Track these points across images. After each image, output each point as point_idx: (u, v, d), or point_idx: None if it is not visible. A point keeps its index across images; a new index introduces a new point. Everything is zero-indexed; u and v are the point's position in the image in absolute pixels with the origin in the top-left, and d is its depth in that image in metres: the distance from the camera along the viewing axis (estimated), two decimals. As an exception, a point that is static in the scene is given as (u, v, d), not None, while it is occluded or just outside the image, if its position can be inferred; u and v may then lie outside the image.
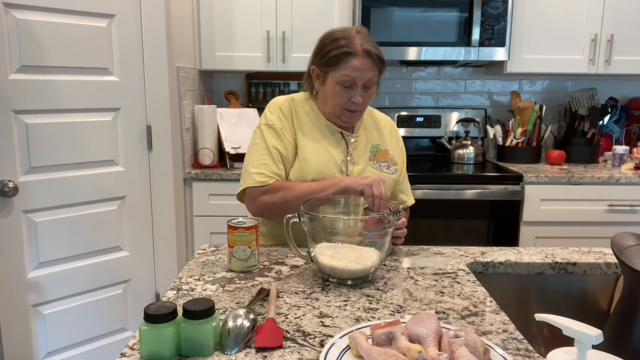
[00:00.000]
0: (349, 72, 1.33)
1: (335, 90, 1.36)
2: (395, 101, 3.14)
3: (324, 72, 1.37)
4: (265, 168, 1.36)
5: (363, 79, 1.34)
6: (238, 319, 0.86)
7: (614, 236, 1.06)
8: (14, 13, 1.77)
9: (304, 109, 1.45)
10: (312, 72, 1.42)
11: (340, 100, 1.37)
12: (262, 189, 1.35)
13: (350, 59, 1.32)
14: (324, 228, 1.12)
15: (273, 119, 1.41)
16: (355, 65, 1.32)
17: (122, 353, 0.83)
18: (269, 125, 1.41)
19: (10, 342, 1.87)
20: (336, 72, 1.34)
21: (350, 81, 1.34)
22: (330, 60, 1.34)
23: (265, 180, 1.35)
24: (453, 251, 1.36)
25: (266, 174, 1.35)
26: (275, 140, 1.39)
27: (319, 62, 1.38)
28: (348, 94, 1.35)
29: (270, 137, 1.39)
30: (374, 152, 1.47)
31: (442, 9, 2.62)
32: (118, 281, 2.17)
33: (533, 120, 2.87)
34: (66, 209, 1.98)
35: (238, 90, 3.07)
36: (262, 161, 1.37)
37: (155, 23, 2.15)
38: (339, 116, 1.40)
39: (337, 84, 1.35)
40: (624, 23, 2.71)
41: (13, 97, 1.79)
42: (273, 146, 1.38)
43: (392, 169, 1.48)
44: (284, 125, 1.41)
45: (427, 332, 0.79)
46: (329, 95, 1.38)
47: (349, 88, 1.35)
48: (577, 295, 1.30)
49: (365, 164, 1.44)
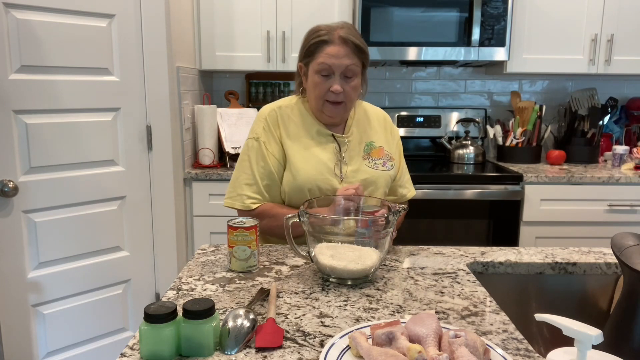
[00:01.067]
0: (324, 59, 1.33)
1: (314, 80, 1.36)
2: (395, 101, 3.14)
3: (305, 64, 1.38)
4: (249, 189, 1.41)
5: (340, 67, 1.33)
6: (238, 319, 0.86)
7: (614, 236, 1.06)
8: (14, 13, 1.77)
9: (293, 114, 1.45)
10: (299, 69, 1.43)
11: (320, 91, 1.36)
12: (247, 213, 1.40)
13: (325, 47, 1.33)
14: (323, 228, 1.12)
15: (258, 132, 1.43)
16: (330, 52, 1.33)
17: (122, 353, 0.83)
18: (254, 139, 1.43)
19: (10, 342, 1.87)
20: (314, 61, 1.35)
21: (327, 69, 1.33)
22: (308, 50, 1.36)
23: (248, 205, 1.41)
24: (453, 251, 1.36)
25: (250, 195, 1.40)
26: (259, 156, 1.41)
27: (301, 57, 1.40)
28: (327, 84, 1.35)
29: (253, 153, 1.42)
30: (368, 150, 1.46)
31: (442, 9, 2.62)
32: (118, 281, 2.17)
33: (533, 120, 2.87)
34: (66, 209, 1.98)
35: (238, 90, 3.07)
36: (246, 181, 1.42)
37: (155, 23, 2.15)
38: (322, 110, 1.40)
39: (316, 74, 1.35)
40: (624, 23, 2.71)
41: (13, 97, 1.79)
42: (257, 163, 1.41)
43: (388, 165, 1.47)
44: (268, 137, 1.42)
45: (427, 332, 0.79)
46: (310, 87, 1.38)
47: (327, 77, 1.35)
48: (577, 295, 1.30)
49: (359, 164, 1.43)
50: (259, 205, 1.41)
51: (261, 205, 1.41)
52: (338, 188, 1.38)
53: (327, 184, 1.38)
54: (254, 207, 1.41)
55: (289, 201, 1.42)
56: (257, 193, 1.41)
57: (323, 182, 1.37)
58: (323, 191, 1.37)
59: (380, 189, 1.45)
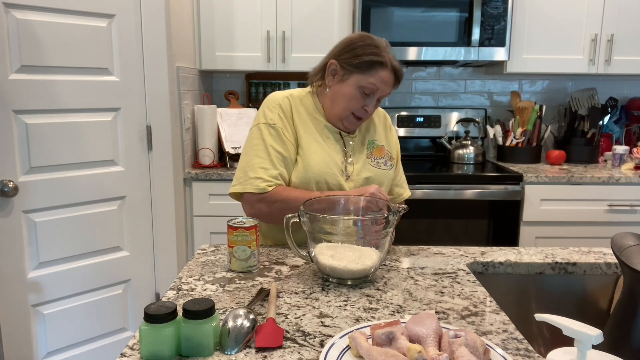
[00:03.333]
0: (376, 82, 1.33)
1: (353, 93, 1.35)
2: (395, 101, 3.14)
3: (347, 71, 1.34)
4: (265, 172, 1.32)
5: (383, 92, 1.36)
6: (238, 319, 0.86)
7: (614, 236, 1.06)
8: (14, 13, 1.77)
9: (304, 106, 1.42)
10: (328, 66, 1.38)
11: (353, 105, 1.36)
12: (260, 196, 1.31)
13: (381, 70, 1.32)
14: (323, 228, 1.11)
15: (274, 118, 1.37)
16: (384, 77, 1.33)
17: (122, 353, 0.83)
18: (269, 125, 1.36)
19: (10, 342, 1.87)
20: (363, 77, 1.33)
21: (373, 90, 1.34)
22: (362, 63, 1.32)
23: (264, 187, 1.30)
24: (453, 251, 1.36)
25: (266, 179, 1.31)
26: (276, 141, 1.35)
27: (346, 60, 1.35)
28: (363, 102, 1.35)
29: (269, 138, 1.35)
30: (371, 148, 1.46)
31: (442, 9, 2.62)
32: (118, 281, 2.17)
33: (533, 120, 2.87)
34: (66, 209, 1.98)
35: (238, 90, 3.07)
36: (262, 165, 1.33)
37: (155, 23, 2.15)
38: (343, 120, 1.39)
39: (358, 89, 1.34)
40: (624, 23, 2.71)
41: (13, 97, 1.79)
42: (273, 148, 1.34)
43: (389, 164, 1.48)
44: (285, 124, 1.37)
45: (427, 332, 0.79)
46: (345, 96, 1.36)
47: (366, 96, 1.35)
48: (577, 295, 1.30)
49: (363, 163, 1.43)
50: (273, 187, 1.32)
51: (275, 187, 1.32)
52: (343, 185, 1.37)
53: (335, 179, 1.37)
54: (270, 188, 1.31)
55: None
56: (273, 177, 1.32)
57: (331, 178, 1.36)
58: (330, 186, 1.36)
59: (382, 188, 1.45)
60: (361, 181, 1.40)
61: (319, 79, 1.43)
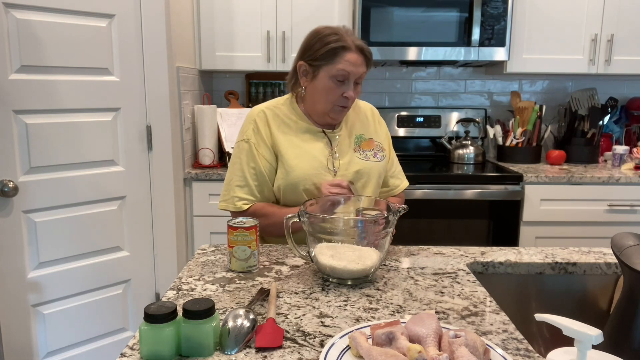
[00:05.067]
0: (345, 67, 1.34)
1: (327, 85, 1.36)
2: (395, 101, 3.14)
3: (315, 67, 1.37)
4: (241, 191, 1.42)
5: (356, 74, 1.36)
6: (238, 319, 0.86)
7: (614, 236, 1.06)
8: (14, 13, 1.77)
9: (282, 114, 1.45)
10: (298, 68, 1.42)
11: (332, 96, 1.37)
12: (240, 214, 1.41)
13: (345, 54, 1.34)
14: (323, 228, 1.12)
15: (248, 133, 1.44)
16: (351, 59, 1.34)
17: (122, 353, 0.83)
18: (244, 141, 1.44)
19: (10, 342, 1.87)
20: (331, 66, 1.35)
21: (345, 75, 1.35)
22: (325, 54, 1.35)
23: (240, 206, 1.41)
24: (453, 251, 1.36)
25: (242, 197, 1.41)
26: (249, 158, 1.42)
27: (310, 57, 1.38)
28: (340, 89, 1.37)
29: (244, 155, 1.43)
30: (358, 142, 1.48)
31: (442, 9, 2.62)
32: (118, 281, 2.17)
33: (533, 120, 2.87)
34: (66, 209, 1.97)
35: (238, 90, 3.07)
36: (238, 183, 1.42)
37: (155, 23, 2.15)
38: (328, 113, 1.41)
39: (331, 79, 1.36)
40: (624, 23, 2.71)
41: (13, 97, 1.79)
42: (247, 165, 1.42)
43: (380, 155, 1.49)
44: (258, 139, 1.42)
45: (427, 332, 0.79)
46: (321, 91, 1.38)
47: (341, 83, 1.36)
48: (577, 295, 1.30)
49: (351, 156, 1.45)
50: (250, 205, 1.42)
51: (252, 205, 1.42)
52: None
53: (322, 179, 1.38)
54: (245, 207, 1.42)
55: (284, 199, 1.43)
56: (249, 194, 1.42)
57: (317, 178, 1.38)
58: (318, 186, 1.38)
59: (373, 180, 1.47)
60: (350, 175, 1.43)
61: (294, 84, 1.46)
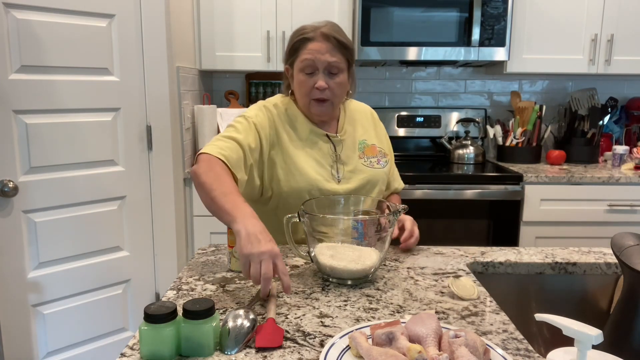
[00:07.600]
0: (308, 56, 1.31)
1: (299, 79, 1.35)
2: (395, 101, 3.14)
3: (291, 65, 1.38)
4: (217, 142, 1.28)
5: (323, 63, 1.31)
6: (238, 319, 0.86)
7: (614, 236, 1.06)
8: (14, 13, 1.77)
9: (289, 115, 1.41)
10: (286, 72, 1.42)
11: (305, 89, 1.34)
12: (207, 157, 1.24)
13: (308, 44, 1.32)
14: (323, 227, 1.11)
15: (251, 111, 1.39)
16: (314, 48, 1.31)
17: (122, 353, 0.83)
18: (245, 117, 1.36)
19: (10, 342, 1.87)
20: (297, 59, 1.34)
21: (311, 65, 1.32)
22: (291, 50, 1.35)
23: (210, 150, 1.25)
24: (453, 251, 1.36)
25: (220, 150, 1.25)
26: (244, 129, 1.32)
27: (286, 58, 1.39)
28: (312, 81, 1.33)
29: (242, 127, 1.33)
30: (362, 148, 1.46)
31: (442, 9, 2.62)
32: (118, 281, 2.17)
33: (533, 120, 2.87)
34: (66, 209, 1.97)
35: (238, 90, 3.08)
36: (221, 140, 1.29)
37: (155, 23, 2.15)
38: (309, 109, 1.38)
39: (300, 72, 1.34)
40: (624, 23, 2.71)
41: (13, 97, 1.79)
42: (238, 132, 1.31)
43: (382, 162, 1.48)
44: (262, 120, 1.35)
45: (427, 332, 0.79)
46: (297, 86, 1.37)
47: (311, 75, 1.33)
48: (577, 295, 1.30)
49: (356, 163, 1.42)
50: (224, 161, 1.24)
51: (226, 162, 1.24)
52: (336, 189, 1.37)
53: (326, 185, 1.37)
54: (222, 158, 1.23)
55: (284, 206, 1.37)
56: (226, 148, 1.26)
57: (322, 184, 1.36)
58: (323, 193, 1.35)
59: (377, 187, 1.45)
60: (357, 182, 1.40)
61: (287, 87, 1.45)
